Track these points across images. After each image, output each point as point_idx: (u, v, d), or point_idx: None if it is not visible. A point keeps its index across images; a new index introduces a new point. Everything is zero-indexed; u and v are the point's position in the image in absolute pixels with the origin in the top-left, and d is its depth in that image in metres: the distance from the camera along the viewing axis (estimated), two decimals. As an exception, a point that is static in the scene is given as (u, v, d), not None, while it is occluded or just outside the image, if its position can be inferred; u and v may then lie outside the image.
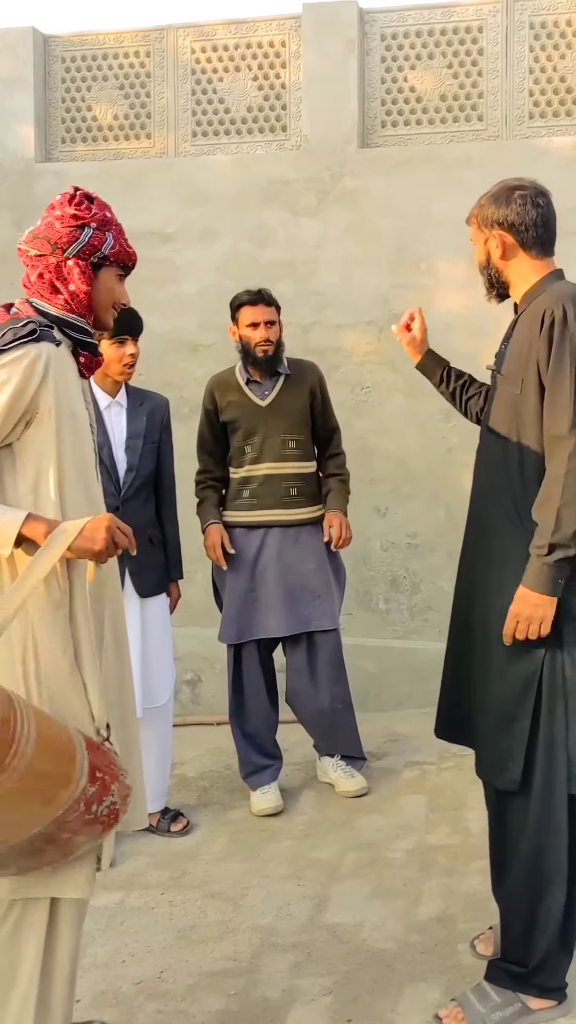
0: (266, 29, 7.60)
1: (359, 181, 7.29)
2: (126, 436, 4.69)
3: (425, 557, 7.20)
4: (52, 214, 2.73)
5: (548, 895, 3.16)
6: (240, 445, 5.07)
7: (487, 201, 3.29)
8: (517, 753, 3.14)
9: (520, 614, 3.04)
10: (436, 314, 7.02)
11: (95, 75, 7.94)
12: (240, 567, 5.04)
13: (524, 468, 3.16)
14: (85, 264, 2.70)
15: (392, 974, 3.56)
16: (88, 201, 2.75)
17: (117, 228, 2.79)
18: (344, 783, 5.18)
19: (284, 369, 5.11)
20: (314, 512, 5.13)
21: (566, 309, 3.05)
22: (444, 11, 7.26)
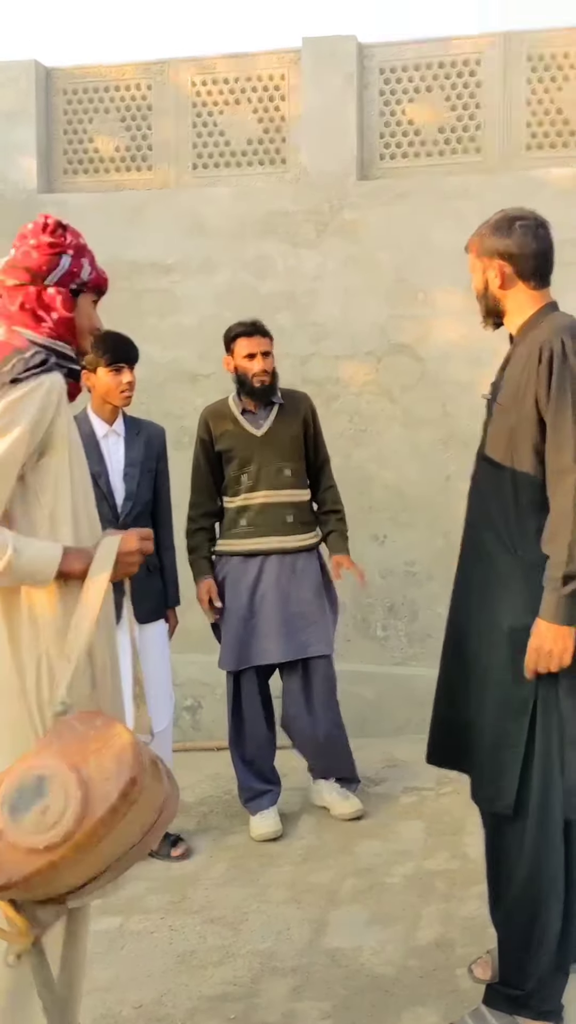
0: (266, 63, 7.68)
1: (358, 213, 7.36)
2: (124, 464, 4.73)
3: (423, 585, 7.23)
4: (26, 243, 2.72)
5: (545, 919, 3.17)
6: (236, 474, 5.11)
7: (487, 230, 3.31)
8: (512, 779, 3.16)
9: (541, 648, 3.05)
10: (434, 344, 7.09)
11: (97, 107, 8.02)
12: (239, 595, 5.08)
13: (519, 497, 3.19)
14: (66, 291, 2.71)
15: (391, 998, 3.57)
16: (62, 229, 2.75)
17: (90, 254, 2.82)
18: (340, 806, 5.21)
19: (278, 399, 5.17)
20: (310, 539, 5.20)
21: (564, 342, 3.08)
22: (442, 44, 7.35)
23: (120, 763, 2.27)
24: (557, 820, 3.14)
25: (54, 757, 2.29)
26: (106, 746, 2.30)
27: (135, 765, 2.27)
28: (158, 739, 4.71)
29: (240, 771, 5.15)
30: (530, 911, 3.18)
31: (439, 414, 7.19)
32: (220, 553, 5.15)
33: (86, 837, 2.20)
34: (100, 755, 2.28)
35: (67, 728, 2.36)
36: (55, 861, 2.19)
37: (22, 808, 2.22)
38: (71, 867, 2.24)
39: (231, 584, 5.10)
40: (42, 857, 2.19)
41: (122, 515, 4.64)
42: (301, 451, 5.21)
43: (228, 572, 5.12)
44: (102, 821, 2.21)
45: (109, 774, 2.26)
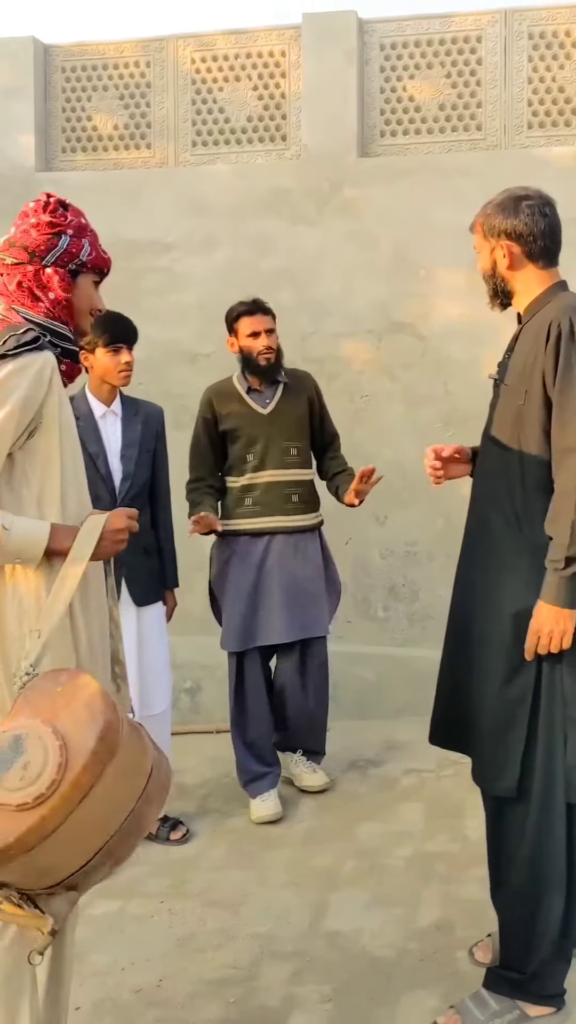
0: (266, 39, 7.62)
1: (358, 190, 7.31)
2: (121, 445, 4.69)
3: (424, 565, 7.21)
4: (27, 221, 2.71)
5: (546, 903, 3.16)
6: (242, 453, 5.09)
7: (493, 210, 3.27)
8: (514, 761, 3.15)
9: (541, 629, 3.05)
10: (435, 322, 7.05)
11: (95, 85, 7.97)
12: (244, 574, 5.07)
13: (525, 478, 3.17)
14: (63, 271, 2.70)
15: (391, 981, 3.56)
16: (63, 208, 2.74)
17: (92, 234, 2.79)
18: (308, 778, 5.29)
19: (283, 378, 5.15)
20: (313, 519, 5.21)
21: (573, 321, 3.05)
22: (443, 21, 7.29)
23: (91, 710, 2.28)
24: (559, 803, 3.13)
25: (26, 716, 2.29)
26: (75, 697, 2.31)
27: (107, 710, 2.28)
28: (157, 721, 4.71)
29: (241, 753, 5.14)
30: (532, 894, 3.17)
31: (440, 393, 7.16)
32: (226, 532, 5.11)
33: (72, 787, 2.20)
34: (71, 706, 2.29)
35: (34, 690, 2.37)
36: (45, 816, 2.18)
37: (2, 768, 2.21)
38: (67, 834, 2.23)
39: (237, 563, 5.09)
40: (32, 814, 2.18)
41: (120, 496, 4.62)
42: (307, 430, 5.22)
43: (234, 551, 5.10)
44: (85, 768, 2.21)
45: (83, 721, 2.27)
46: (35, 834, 2.19)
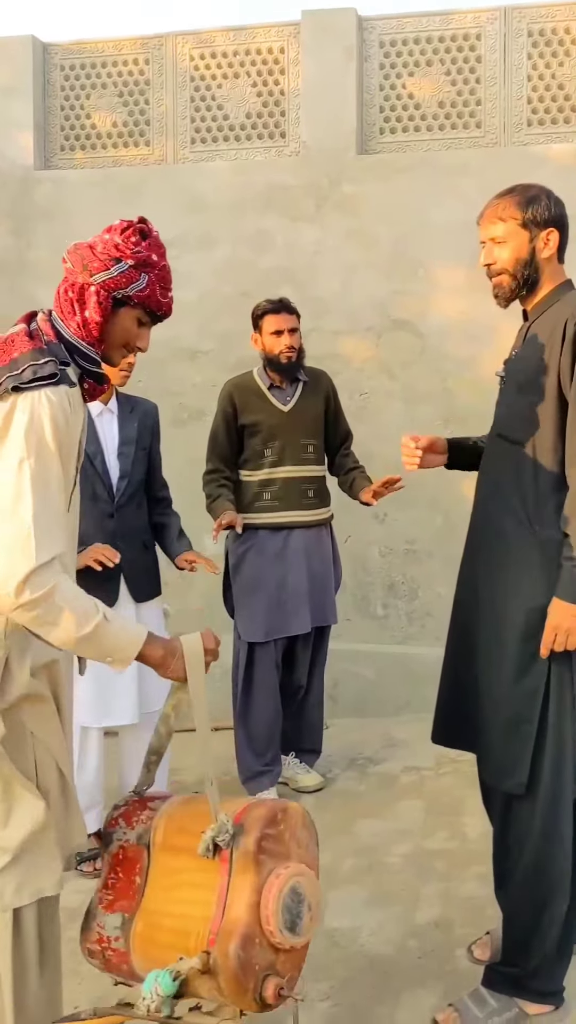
0: (265, 36, 7.61)
1: (357, 188, 7.31)
2: (118, 443, 4.69)
3: (423, 563, 7.20)
4: (101, 237, 2.66)
5: (551, 900, 3.17)
6: (260, 448, 5.18)
7: (525, 201, 3.24)
8: (524, 757, 3.15)
9: (560, 626, 3.05)
10: (433, 320, 7.05)
11: (94, 83, 7.96)
12: (265, 567, 5.15)
13: (538, 475, 3.17)
14: (106, 296, 2.61)
15: (390, 979, 3.56)
16: (140, 236, 2.66)
17: (159, 273, 2.69)
18: (303, 779, 5.35)
19: (303, 376, 5.25)
20: (326, 513, 5.34)
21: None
22: (442, 19, 7.29)
23: (309, 828, 2.72)
24: (567, 799, 3.14)
25: (287, 860, 2.54)
26: (294, 824, 2.64)
27: (310, 822, 2.73)
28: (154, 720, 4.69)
29: (243, 748, 5.16)
30: (537, 892, 3.18)
31: (439, 390, 7.16)
32: (244, 526, 5.15)
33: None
34: (297, 836, 2.63)
35: (267, 840, 2.55)
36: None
37: (298, 923, 2.49)
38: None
39: (256, 556, 5.17)
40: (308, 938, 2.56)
41: (117, 494, 4.61)
42: (322, 428, 5.32)
43: (253, 544, 5.18)
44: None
45: (306, 841, 2.67)
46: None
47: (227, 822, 2.53)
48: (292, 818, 2.62)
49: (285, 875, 2.47)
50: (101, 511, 4.57)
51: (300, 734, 5.40)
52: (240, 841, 2.51)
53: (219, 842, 2.50)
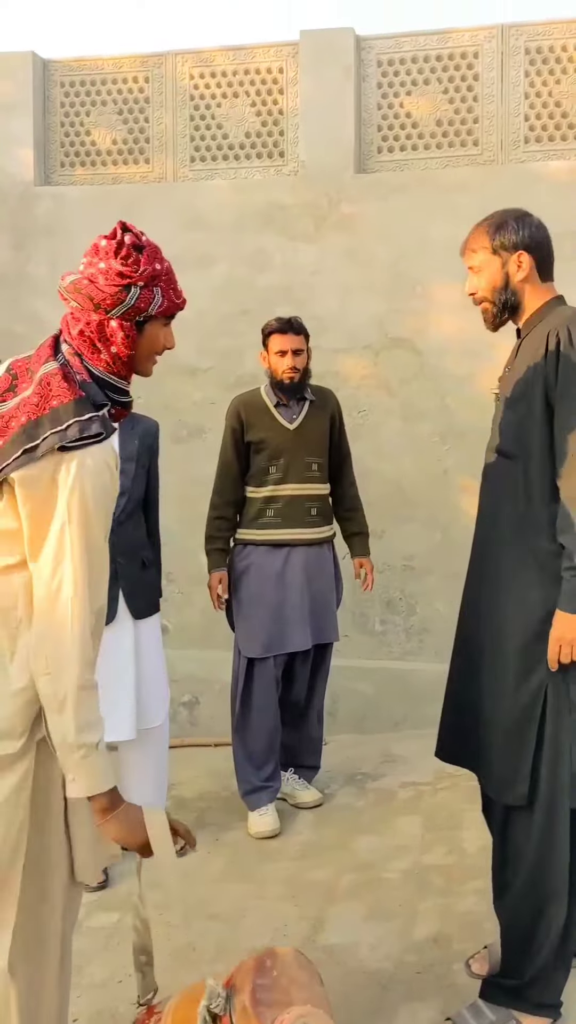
0: (264, 56, 7.66)
1: (356, 206, 7.34)
2: (120, 460, 4.68)
3: (421, 579, 7.22)
4: (96, 266, 2.49)
5: (549, 911, 3.17)
6: (265, 465, 5.16)
7: (498, 227, 3.30)
8: (524, 768, 3.16)
9: (564, 638, 3.06)
10: (431, 338, 7.08)
11: (94, 100, 8.00)
12: (266, 584, 5.13)
13: (529, 488, 3.19)
14: (129, 326, 2.51)
15: (388, 994, 3.56)
16: (136, 252, 2.51)
17: (166, 279, 2.57)
18: (301, 795, 5.33)
19: (310, 395, 5.25)
20: (329, 532, 5.33)
21: (571, 331, 3.10)
22: (439, 37, 7.33)
23: (306, 968, 2.59)
24: (564, 809, 3.15)
25: (288, 1006, 2.40)
26: (293, 966, 2.55)
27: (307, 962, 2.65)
28: (152, 736, 4.72)
29: (241, 763, 5.15)
30: (535, 902, 3.18)
31: (437, 407, 7.19)
32: (245, 542, 5.19)
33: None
34: (296, 979, 2.51)
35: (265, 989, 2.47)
36: None
37: None
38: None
39: (256, 572, 5.15)
40: None
41: (118, 511, 4.56)
42: (327, 447, 5.31)
43: (254, 561, 5.16)
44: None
45: (310, 982, 2.55)
46: None
47: (216, 987, 2.45)
48: (284, 962, 2.52)
49: (289, 1019, 2.36)
50: None
51: (300, 750, 5.40)
52: (235, 1002, 2.43)
53: (215, 1010, 2.42)
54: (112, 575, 4.56)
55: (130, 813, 2.47)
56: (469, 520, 3.54)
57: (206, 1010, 2.42)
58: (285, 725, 5.30)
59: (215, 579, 5.15)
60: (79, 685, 2.35)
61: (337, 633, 5.38)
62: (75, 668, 2.34)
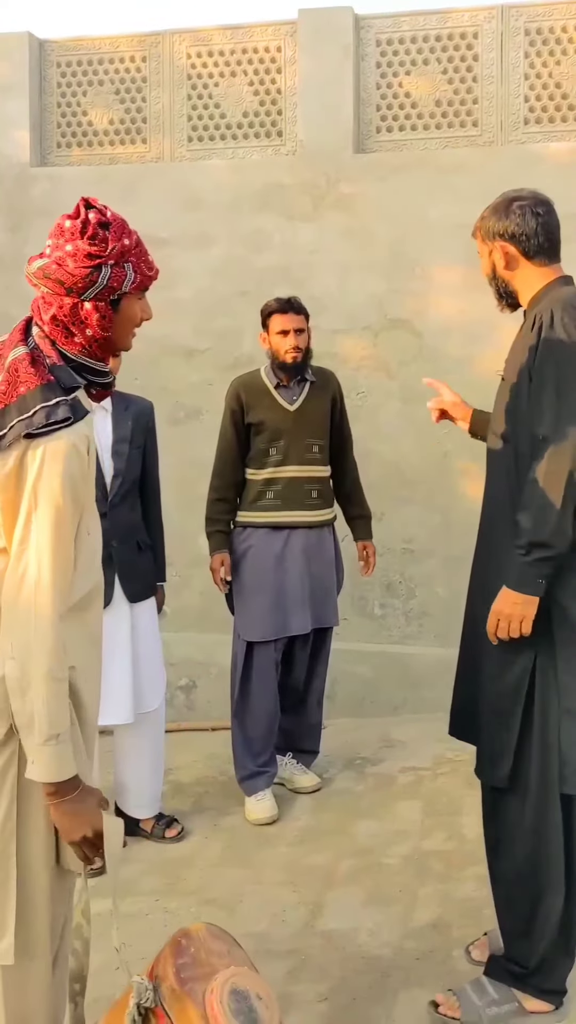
0: (262, 35, 7.61)
1: (354, 186, 7.30)
2: (112, 441, 4.64)
3: (421, 562, 7.19)
4: (63, 248, 2.40)
5: (545, 894, 3.16)
6: (265, 447, 5.12)
7: (489, 214, 3.31)
8: (508, 750, 3.16)
9: (501, 612, 3.06)
10: (431, 319, 7.05)
11: (91, 80, 7.95)
12: (265, 566, 5.10)
13: (519, 470, 3.17)
14: (104, 305, 2.42)
15: (387, 980, 3.54)
16: (103, 230, 2.43)
17: (137, 252, 2.47)
18: (300, 779, 5.31)
19: (310, 376, 5.20)
20: (330, 514, 5.27)
21: (554, 313, 3.06)
22: (439, 17, 7.28)
23: (220, 938, 2.61)
24: (555, 794, 3.13)
25: (214, 975, 2.42)
26: (207, 939, 2.57)
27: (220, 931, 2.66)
28: (149, 720, 4.70)
29: (239, 748, 5.13)
30: (531, 887, 3.17)
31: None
32: (245, 524, 5.15)
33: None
34: (213, 950, 2.52)
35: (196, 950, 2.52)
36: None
37: (256, 1016, 2.36)
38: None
39: (256, 555, 5.12)
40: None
41: (111, 493, 4.59)
42: (328, 429, 5.27)
43: (253, 543, 5.13)
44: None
45: (230, 947, 2.58)
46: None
47: (142, 982, 2.45)
48: (196, 937, 2.53)
49: (218, 984, 2.38)
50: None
51: (299, 734, 5.38)
52: (163, 990, 2.43)
53: (145, 1004, 2.42)
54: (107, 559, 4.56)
55: (80, 805, 2.42)
56: (469, 503, 3.52)
57: (135, 1008, 2.43)
58: (284, 710, 5.28)
59: (217, 561, 5.11)
60: (46, 674, 2.31)
61: (337, 617, 5.35)
62: (42, 657, 2.31)
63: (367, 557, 5.44)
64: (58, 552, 2.34)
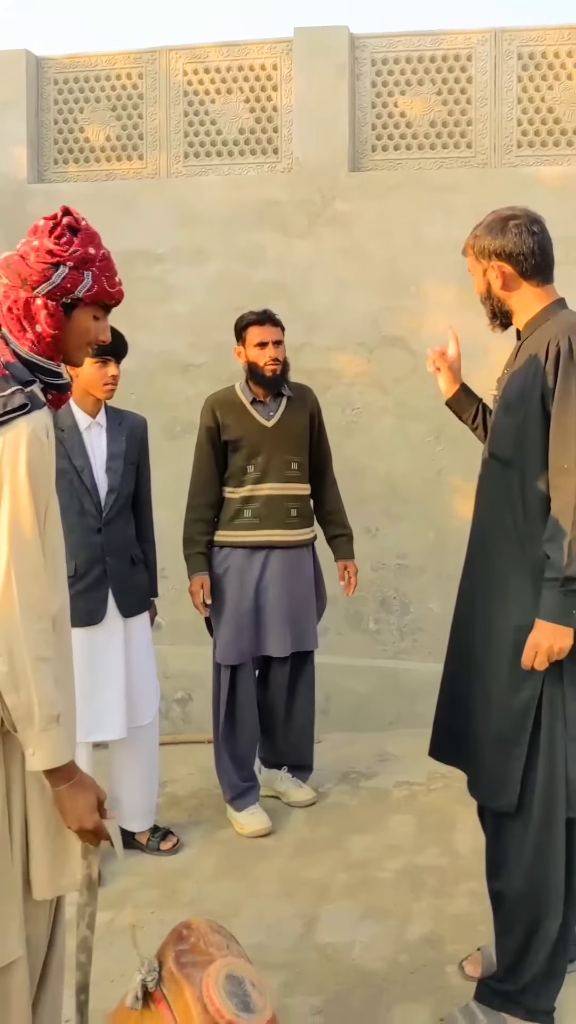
0: (258, 52, 7.65)
1: (350, 204, 7.34)
2: (107, 457, 4.65)
3: (415, 578, 7.22)
4: (30, 243, 2.50)
5: (544, 918, 3.17)
6: (243, 464, 5.05)
7: (482, 232, 3.30)
8: (515, 776, 3.17)
9: (540, 645, 3.07)
10: (426, 337, 7.08)
11: (88, 96, 7.98)
12: (243, 587, 5.04)
13: (526, 496, 3.18)
14: (55, 306, 2.48)
15: (381, 994, 3.57)
16: (71, 233, 2.50)
17: (101, 264, 2.54)
18: (295, 794, 5.30)
19: (287, 391, 5.14)
20: (309, 534, 5.21)
21: (572, 341, 3.07)
22: (434, 39, 7.33)
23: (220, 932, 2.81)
24: (560, 818, 3.15)
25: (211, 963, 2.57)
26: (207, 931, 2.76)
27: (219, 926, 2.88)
28: (143, 734, 4.73)
29: (228, 768, 5.10)
30: (532, 909, 3.19)
31: (431, 407, 7.16)
32: (222, 544, 5.08)
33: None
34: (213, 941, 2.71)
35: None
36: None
37: (250, 1001, 2.50)
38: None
39: (234, 576, 5.05)
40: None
41: (105, 509, 4.60)
42: (307, 444, 5.20)
43: (231, 564, 5.06)
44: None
45: (228, 942, 2.75)
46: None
47: (152, 960, 2.58)
48: (198, 929, 2.68)
49: (215, 970, 2.49)
50: (88, 526, 4.55)
51: (291, 753, 5.37)
52: (163, 972, 2.56)
53: (149, 984, 2.55)
54: (101, 574, 4.59)
55: (82, 787, 2.49)
56: (462, 520, 3.54)
57: (140, 983, 2.55)
58: (273, 729, 5.28)
59: (196, 584, 5.02)
60: (35, 657, 2.36)
61: (316, 641, 5.27)
62: (23, 644, 2.35)
63: (348, 577, 5.35)
64: (23, 537, 2.38)
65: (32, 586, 2.39)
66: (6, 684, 2.36)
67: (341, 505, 5.43)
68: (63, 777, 2.45)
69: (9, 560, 2.35)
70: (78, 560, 4.47)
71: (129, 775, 4.79)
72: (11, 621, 2.35)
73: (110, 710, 4.55)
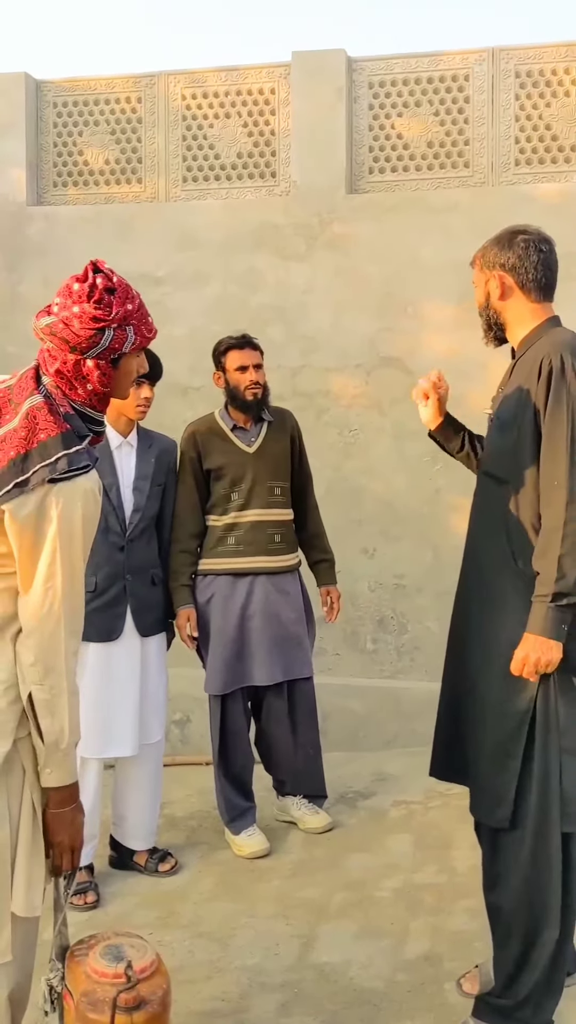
0: (256, 76, 7.70)
1: (347, 227, 7.38)
2: (135, 477, 4.68)
3: (412, 598, 7.23)
4: (69, 309, 2.56)
5: (541, 932, 3.18)
6: (226, 492, 5.01)
7: (491, 243, 3.37)
8: (508, 791, 3.18)
9: (528, 658, 3.09)
10: (423, 358, 7.11)
11: (87, 120, 8.03)
12: (228, 616, 4.99)
13: (520, 512, 3.21)
14: (105, 364, 2.60)
15: (379, 1013, 3.56)
16: (109, 295, 2.58)
17: (139, 315, 2.65)
18: (310, 820, 5.21)
19: (268, 416, 5.11)
20: (294, 560, 5.18)
21: (564, 359, 3.10)
22: (431, 60, 7.37)
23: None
24: (555, 832, 3.16)
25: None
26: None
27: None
28: (151, 752, 4.74)
29: (226, 791, 5.08)
30: (528, 924, 3.19)
31: (428, 427, 7.21)
32: (206, 572, 5.03)
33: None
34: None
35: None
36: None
37: (123, 952, 2.67)
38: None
39: (219, 604, 5.00)
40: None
41: (129, 528, 4.62)
42: (289, 469, 5.17)
43: (216, 591, 5.01)
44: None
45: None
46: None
47: (54, 962, 2.75)
48: (103, 933, 2.82)
49: (98, 945, 2.70)
50: (112, 544, 4.57)
51: (303, 778, 5.29)
52: (64, 972, 2.74)
53: (53, 980, 2.73)
54: (120, 592, 4.64)
55: (79, 812, 2.71)
56: (460, 540, 3.55)
57: (45, 983, 2.74)
58: (281, 756, 5.22)
59: (183, 617, 4.95)
60: (69, 691, 2.57)
61: (309, 668, 5.19)
62: (63, 677, 2.55)
63: (331, 603, 5.32)
64: (74, 586, 2.55)
65: (76, 625, 2.59)
66: (43, 710, 2.55)
67: (323, 529, 5.39)
68: (71, 796, 2.66)
69: (62, 601, 2.52)
70: (99, 576, 4.50)
71: (135, 793, 4.79)
72: (56, 655, 2.54)
73: (123, 727, 4.57)
